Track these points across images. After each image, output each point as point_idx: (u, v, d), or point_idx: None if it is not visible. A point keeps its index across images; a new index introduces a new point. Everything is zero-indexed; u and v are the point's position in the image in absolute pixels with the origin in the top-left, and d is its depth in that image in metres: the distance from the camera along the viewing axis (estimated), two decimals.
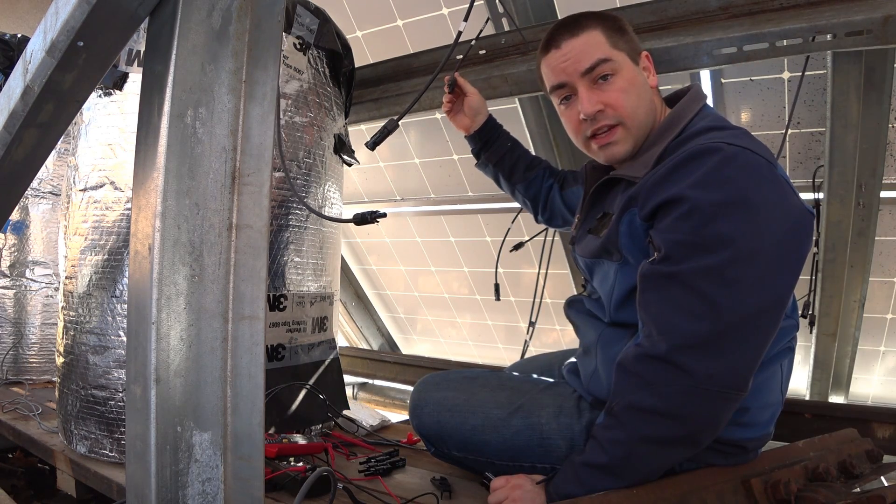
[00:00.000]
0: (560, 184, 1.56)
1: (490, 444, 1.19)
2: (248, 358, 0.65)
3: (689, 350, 0.89)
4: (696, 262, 0.90)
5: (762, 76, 1.76)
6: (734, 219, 0.89)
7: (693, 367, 0.89)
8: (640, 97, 1.09)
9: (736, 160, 0.91)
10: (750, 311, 0.89)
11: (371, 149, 1.38)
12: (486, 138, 1.56)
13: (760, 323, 0.91)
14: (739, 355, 0.90)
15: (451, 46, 1.40)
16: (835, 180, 1.70)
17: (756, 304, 0.90)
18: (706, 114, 1.08)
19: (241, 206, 0.65)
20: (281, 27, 0.68)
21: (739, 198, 0.89)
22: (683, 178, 0.93)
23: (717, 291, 0.88)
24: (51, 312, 2.33)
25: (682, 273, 0.91)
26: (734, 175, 0.91)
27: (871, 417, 1.47)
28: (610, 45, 1.09)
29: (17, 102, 0.82)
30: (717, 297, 0.88)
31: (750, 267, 0.89)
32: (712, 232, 0.89)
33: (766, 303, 0.90)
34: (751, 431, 1.06)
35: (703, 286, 0.89)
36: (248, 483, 0.65)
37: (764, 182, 0.91)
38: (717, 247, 0.89)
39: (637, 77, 1.10)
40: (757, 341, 0.92)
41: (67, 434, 1.47)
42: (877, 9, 1.31)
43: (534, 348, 2.33)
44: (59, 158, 2.29)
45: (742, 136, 0.98)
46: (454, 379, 1.32)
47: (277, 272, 1.54)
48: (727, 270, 0.88)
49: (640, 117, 1.09)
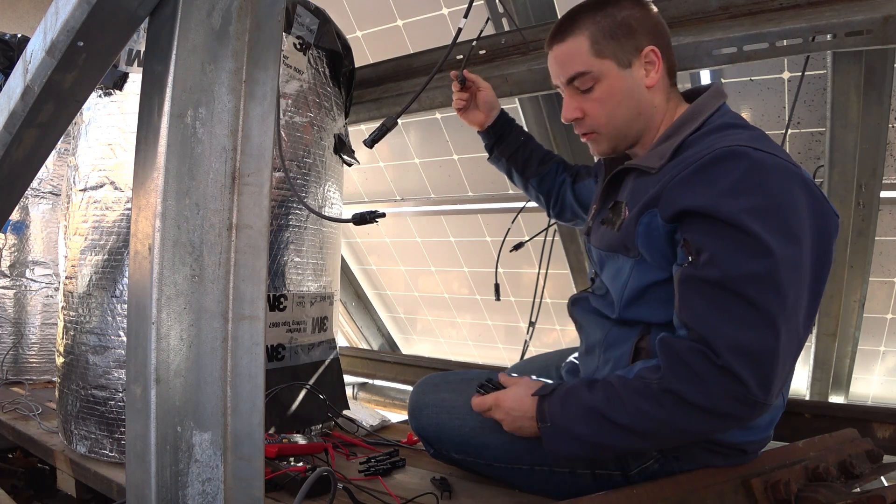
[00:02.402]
0: (573, 178, 1.54)
1: (488, 446, 1.19)
2: (248, 358, 0.65)
3: (745, 358, 0.88)
4: (741, 270, 0.88)
5: (762, 76, 1.76)
6: (771, 225, 0.88)
7: (747, 376, 0.88)
8: (621, 104, 1.10)
9: (764, 166, 0.91)
10: (798, 319, 0.90)
11: (370, 146, 1.38)
12: (500, 133, 1.54)
13: (804, 332, 0.92)
14: (785, 368, 0.91)
15: (450, 45, 1.40)
16: (835, 180, 1.70)
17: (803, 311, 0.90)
18: (725, 111, 1.08)
19: (241, 206, 0.65)
20: (281, 27, 0.68)
21: (774, 204, 0.89)
22: (711, 184, 0.92)
23: (766, 298, 0.88)
24: (51, 312, 2.33)
25: (729, 280, 0.89)
26: (764, 182, 0.90)
27: (871, 417, 1.47)
28: (593, 53, 1.08)
29: (17, 102, 0.82)
30: (767, 305, 0.88)
31: (794, 271, 0.89)
32: (752, 240, 0.88)
33: (812, 309, 0.92)
34: (751, 435, 1.05)
35: (751, 293, 0.88)
36: (248, 483, 0.65)
37: (795, 186, 0.91)
38: (758, 254, 0.88)
39: (621, 84, 1.08)
40: (798, 351, 0.93)
41: (67, 434, 1.47)
42: (877, 9, 1.31)
43: (534, 348, 2.33)
44: (59, 158, 2.29)
45: (762, 138, 0.97)
46: (453, 381, 1.32)
47: (277, 272, 1.54)
48: (773, 276, 0.88)
49: (617, 124, 1.11)
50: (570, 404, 1.01)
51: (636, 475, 1.08)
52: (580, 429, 0.99)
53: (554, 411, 1.02)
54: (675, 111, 1.12)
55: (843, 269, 1.85)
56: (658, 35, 1.10)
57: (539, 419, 1.04)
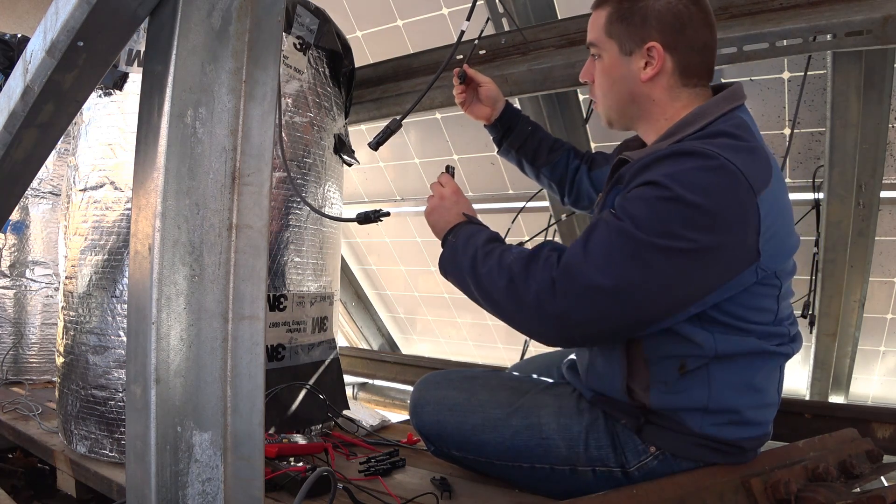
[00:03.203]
0: (588, 164, 1.54)
1: (489, 444, 1.19)
2: (248, 358, 0.65)
3: (576, 287, 0.93)
4: (648, 230, 0.90)
5: (762, 76, 1.76)
6: (692, 221, 0.89)
7: (561, 298, 0.93)
8: (613, 87, 1.12)
9: (716, 172, 0.91)
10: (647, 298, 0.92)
11: (374, 149, 1.38)
12: (508, 125, 1.54)
13: (639, 318, 0.94)
14: (589, 321, 0.94)
15: (453, 46, 1.40)
16: (835, 180, 1.70)
17: (657, 301, 0.93)
18: (731, 117, 1.04)
19: (241, 206, 0.65)
20: (281, 27, 0.68)
21: (705, 207, 0.89)
22: (663, 169, 0.94)
23: (640, 269, 0.90)
24: (51, 312, 2.33)
25: (640, 240, 0.90)
26: (707, 184, 0.90)
27: (871, 417, 1.47)
28: (605, 30, 1.10)
29: (17, 102, 0.82)
30: (634, 273, 0.90)
31: (676, 268, 0.90)
32: (672, 224, 0.90)
33: (662, 306, 0.93)
34: (747, 431, 1.06)
35: (649, 258, 0.90)
36: (248, 483, 0.65)
37: (732, 204, 0.91)
38: (669, 236, 0.89)
39: (617, 69, 1.10)
40: (610, 328, 0.95)
41: (67, 434, 1.47)
42: (877, 9, 1.31)
43: (534, 348, 2.33)
44: (59, 158, 2.29)
45: (746, 152, 0.96)
46: (455, 378, 1.32)
47: (277, 272, 1.54)
48: (667, 258, 0.90)
49: (610, 103, 1.15)
50: (473, 240, 1.11)
51: (635, 472, 1.08)
52: (462, 259, 1.10)
53: (463, 235, 1.14)
54: (685, 109, 1.09)
55: (843, 269, 1.85)
56: (672, 33, 1.05)
57: (450, 232, 1.18)
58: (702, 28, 1.06)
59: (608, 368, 1.10)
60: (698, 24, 1.06)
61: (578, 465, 1.12)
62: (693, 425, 1.04)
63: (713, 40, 1.09)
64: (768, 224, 0.93)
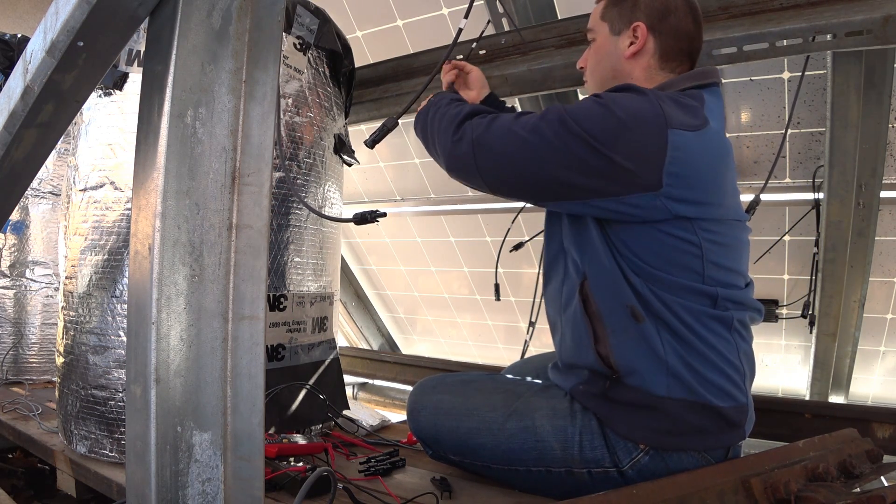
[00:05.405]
0: None
1: (485, 448, 1.19)
2: (248, 358, 0.65)
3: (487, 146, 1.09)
4: (569, 117, 1.04)
5: (762, 76, 1.76)
6: (603, 122, 1.02)
7: (490, 129, 1.09)
8: (600, 64, 1.24)
9: (640, 99, 1.04)
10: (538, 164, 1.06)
11: (370, 147, 1.38)
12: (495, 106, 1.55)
13: (537, 173, 1.06)
14: (500, 154, 1.09)
15: (451, 45, 1.40)
16: (835, 180, 1.70)
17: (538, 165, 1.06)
18: (694, 93, 1.12)
19: (241, 206, 0.65)
20: (281, 27, 0.68)
21: (618, 116, 1.01)
22: (608, 92, 1.09)
23: (550, 132, 1.04)
24: (51, 312, 2.33)
25: (562, 116, 1.04)
26: (629, 105, 1.03)
27: (871, 417, 1.47)
28: (600, 14, 1.23)
29: (17, 102, 0.82)
30: (546, 133, 1.04)
31: (574, 146, 1.02)
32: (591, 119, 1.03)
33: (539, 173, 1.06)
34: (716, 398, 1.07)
35: (559, 129, 1.03)
36: (248, 483, 0.65)
37: (641, 125, 1.02)
38: (581, 122, 1.02)
39: (606, 47, 1.22)
40: (515, 172, 1.08)
41: (67, 434, 1.47)
42: (877, 9, 1.31)
43: (534, 348, 2.33)
44: (59, 158, 2.29)
45: (680, 106, 1.06)
46: (450, 382, 1.32)
47: (277, 272, 1.54)
48: (571, 137, 1.02)
49: (596, 80, 1.26)
50: (444, 98, 1.28)
51: (629, 470, 1.08)
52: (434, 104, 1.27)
53: None
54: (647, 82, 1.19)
55: (843, 269, 1.85)
56: (658, 17, 1.16)
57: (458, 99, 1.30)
58: (685, 18, 1.17)
59: (576, 335, 1.14)
60: (682, 13, 1.17)
61: (574, 466, 1.12)
62: (658, 389, 1.05)
63: (697, 33, 1.19)
64: (682, 160, 1.02)
